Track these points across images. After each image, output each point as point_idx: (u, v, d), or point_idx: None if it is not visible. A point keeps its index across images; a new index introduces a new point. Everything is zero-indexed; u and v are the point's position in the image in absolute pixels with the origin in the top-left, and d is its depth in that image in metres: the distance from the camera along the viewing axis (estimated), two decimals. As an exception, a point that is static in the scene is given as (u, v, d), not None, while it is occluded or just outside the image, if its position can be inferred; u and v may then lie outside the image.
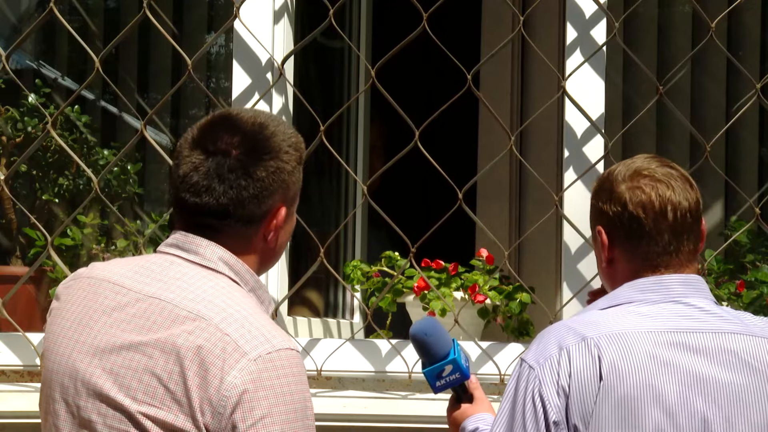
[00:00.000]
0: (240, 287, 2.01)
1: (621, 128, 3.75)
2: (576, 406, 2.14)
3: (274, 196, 2.02)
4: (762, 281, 3.50)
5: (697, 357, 2.18)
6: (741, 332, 2.22)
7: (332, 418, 3.12)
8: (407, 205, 4.88)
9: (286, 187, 2.03)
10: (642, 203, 2.25)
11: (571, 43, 3.42)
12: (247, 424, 1.85)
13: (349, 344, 3.32)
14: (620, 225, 2.27)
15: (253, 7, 3.36)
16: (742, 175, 4.23)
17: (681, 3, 4.33)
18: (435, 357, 2.38)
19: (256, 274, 2.05)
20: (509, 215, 4.48)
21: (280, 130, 2.04)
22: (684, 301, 2.24)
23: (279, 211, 2.03)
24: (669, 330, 2.19)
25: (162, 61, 4.21)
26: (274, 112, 3.36)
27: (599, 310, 2.25)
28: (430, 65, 6.10)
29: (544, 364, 2.17)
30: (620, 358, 2.15)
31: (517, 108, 4.49)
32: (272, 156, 2.01)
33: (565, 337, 2.19)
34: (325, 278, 4.13)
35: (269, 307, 2.09)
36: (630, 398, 2.13)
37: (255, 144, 2.01)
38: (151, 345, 1.91)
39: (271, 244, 2.05)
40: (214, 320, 1.91)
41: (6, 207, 3.71)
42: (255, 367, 1.88)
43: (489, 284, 3.43)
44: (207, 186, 1.98)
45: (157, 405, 1.88)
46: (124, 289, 1.99)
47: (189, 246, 2.01)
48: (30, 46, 4.28)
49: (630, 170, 2.30)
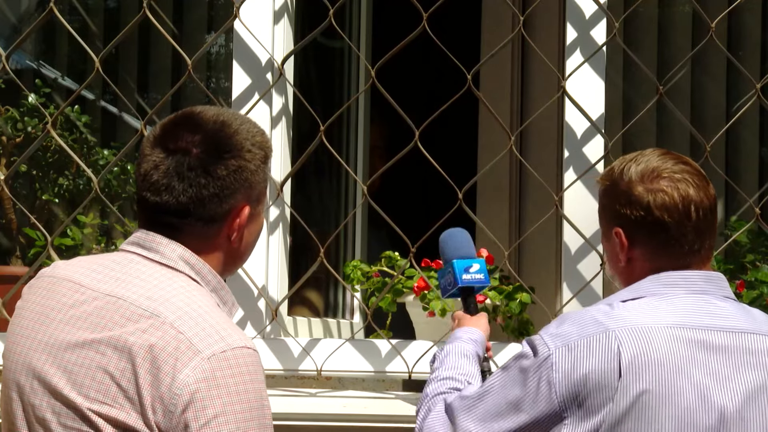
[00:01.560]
0: (200, 286, 1.99)
1: (621, 128, 3.75)
2: (592, 399, 2.12)
3: (235, 195, 2.00)
4: (762, 281, 3.51)
5: (717, 355, 2.17)
6: (760, 332, 2.22)
7: (332, 418, 3.12)
8: (407, 205, 4.88)
9: (249, 186, 2.01)
10: (666, 206, 2.22)
11: (571, 43, 3.42)
12: (200, 423, 1.83)
13: (349, 344, 3.32)
14: (642, 227, 2.24)
15: (253, 7, 3.36)
16: (742, 175, 4.23)
17: (681, 3, 4.33)
18: (466, 254, 2.57)
19: (218, 275, 2.03)
20: (509, 215, 4.48)
21: (243, 129, 2.03)
22: (706, 297, 2.22)
23: (242, 210, 2.01)
24: (690, 326, 2.18)
25: (162, 61, 4.21)
26: (274, 112, 3.37)
27: (621, 302, 2.21)
28: (430, 65, 6.10)
29: (563, 349, 2.15)
30: (640, 353, 2.13)
31: (517, 108, 4.49)
32: (234, 154, 1.99)
33: (587, 325, 2.16)
34: (325, 278, 4.13)
35: (233, 309, 2.07)
36: (648, 394, 2.11)
37: (216, 142, 1.99)
38: (104, 343, 1.90)
39: (235, 244, 2.03)
40: (168, 318, 1.89)
41: (6, 207, 3.71)
42: (208, 365, 1.86)
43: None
44: (167, 185, 1.97)
45: (109, 403, 1.87)
46: (81, 287, 1.98)
47: (149, 244, 2.00)
48: (30, 46, 4.28)
49: (647, 170, 2.25)
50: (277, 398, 3.16)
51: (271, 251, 3.35)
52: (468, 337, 2.53)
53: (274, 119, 3.36)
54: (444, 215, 3.22)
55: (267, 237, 3.33)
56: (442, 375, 2.42)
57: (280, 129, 3.38)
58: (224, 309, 2.03)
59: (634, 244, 2.26)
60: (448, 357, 2.48)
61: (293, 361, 3.29)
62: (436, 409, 2.32)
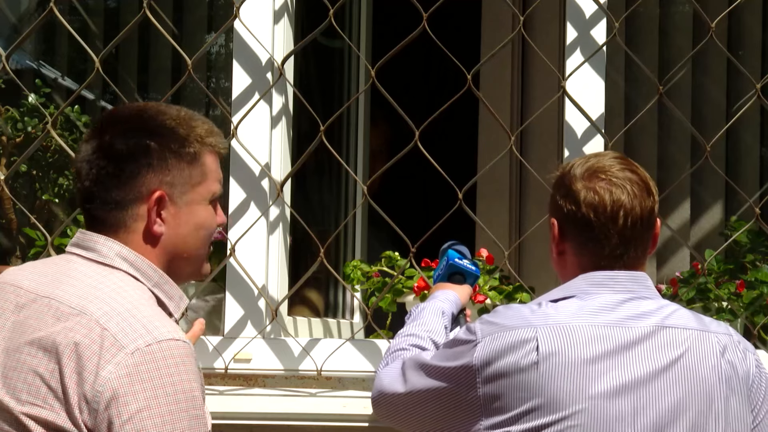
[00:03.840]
0: (139, 283, 1.98)
1: (621, 128, 3.75)
2: (509, 392, 2.19)
3: (138, 178, 1.99)
4: (762, 281, 3.50)
5: (637, 351, 2.22)
6: (681, 326, 2.26)
7: (332, 418, 3.12)
8: (407, 205, 4.88)
9: (161, 170, 2.00)
10: (593, 205, 2.29)
11: (571, 43, 3.42)
12: (122, 420, 1.82)
13: (349, 344, 3.32)
14: (572, 222, 2.32)
15: (253, 7, 3.36)
16: (742, 175, 4.22)
17: (681, 3, 4.32)
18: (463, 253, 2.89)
19: (160, 270, 2.01)
20: (509, 215, 4.48)
21: (161, 112, 2.03)
22: (631, 296, 2.28)
23: (153, 195, 1.99)
24: (612, 324, 2.23)
25: (162, 61, 4.21)
26: (274, 112, 3.37)
27: (552, 301, 2.30)
28: (430, 65, 6.10)
29: (488, 339, 2.23)
30: (558, 351, 2.19)
31: (517, 108, 4.49)
32: (139, 137, 1.99)
33: (513, 319, 2.25)
34: (325, 278, 4.13)
35: (181, 303, 2.06)
36: (562, 392, 2.17)
37: (127, 127, 2.01)
38: (36, 344, 1.89)
39: (157, 234, 2.01)
40: (95, 315, 1.88)
41: (6, 207, 3.71)
42: (131, 360, 1.84)
43: (489, 284, 3.43)
44: (79, 169, 2.01)
45: (40, 404, 1.86)
46: (22, 291, 1.98)
47: (87, 243, 2.00)
48: (30, 46, 4.29)
49: (591, 168, 2.33)
50: (277, 398, 3.16)
51: (271, 251, 3.35)
52: (444, 297, 2.72)
53: (274, 119, 3.36)
54: (444, 215, 3.22)
55: (267, 237, 3.33)
56: (408, 331, 2.60)
57: (280, 129, 3.38)
58: (171, 304, 2.03)
59: (565, 237, 2.35)
60: (422, 313, 2.66)
61: (293, 361, 3.30)
62: (391, 366, 2.47)
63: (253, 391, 3.22)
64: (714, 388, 2.23)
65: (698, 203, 4.22)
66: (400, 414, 2.41)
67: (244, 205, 3.32)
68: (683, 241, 3.77)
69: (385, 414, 2.47)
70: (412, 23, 3.29)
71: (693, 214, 4.21)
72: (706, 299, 3.51)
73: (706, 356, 2.25)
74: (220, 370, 3.26)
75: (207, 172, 2.06)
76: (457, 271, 2.88)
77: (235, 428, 3.06)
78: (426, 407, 2.34)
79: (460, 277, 2.88)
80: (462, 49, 3.51)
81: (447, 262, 2.89)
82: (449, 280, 2.88)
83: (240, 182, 3.32)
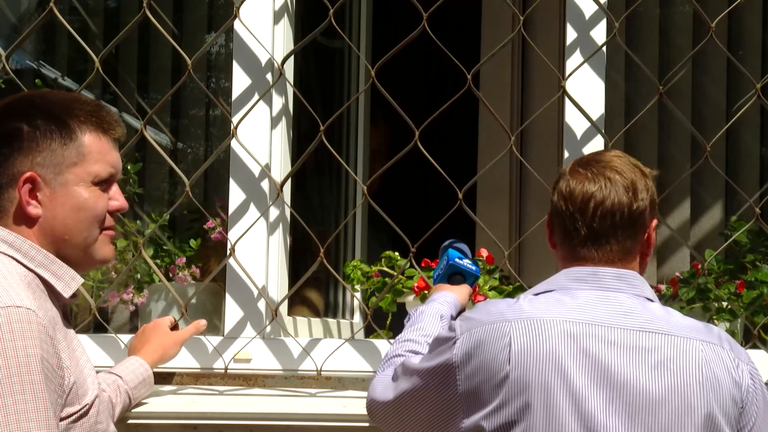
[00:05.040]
0: (15, 262, 2.03)
1: (621, 128, 3.74)
2: (485, 387, 2.21)
3: (9, 161, 2.04)
4: (762, 281, 3.50)
5: (611, 350, 2.20)
6: (663, 331, 2.23)
7: (332, 418, 3.12)
8: (407, 205, 4.88)
9: (31, 151, 2.04)
10: (564, 195, 2.33)
11: (571, 43, 3.42)
12: None
13: (349, 344, 3.32)
14: (553, 213, 2.37)
15: (253, 7, 3.36)
16: (742, 175, 4.22)
17: (681, 3, 4.32)
18: (463, 253, 2.91)
19: (44, 250, 2.06)
20: (509, 215, 4.48)
21: (45, 96, 2.10)
22: (615, 294, 2.27)
23: (23, 176, 2.04)
24: (588, 321, 2.23)
25: (162, 61, 4.21)
26: (274, 112, 3.37)
27: (533, 295, 2.31)
28: (430, 65, 6.10)
29: (467, 334, 2.26)
30: (530, 346, 2.19)
31: (517, 108, 4.49)
32: (12, 121, 2.06)
33: (491, 314, 2.27)
34: (325, 278, 4.13)
35: (72, 282, 2.09)
36: (530, 388, 2.17)
37: (7, 113, 2.07)
38: None
39: (32, 215, 2.06)
40: None
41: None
42: None
43: (489, 284, 3.43)
44: None
45: None
46: None
47: None
48: (30, 46, 4.28)
49: (578, 161, 2.37)
50: (276, 398, 3.16)
51: (271, 251, 3.35)
52: (443, 299, 2.73)
53: (274, 119, 3.36)
54: (444, 215, 3.22)
55: (267, 237, 3.33)
56: (406, 336, 2.61)
57: (280, 129, 3.38)
58: (59, 284, 2.06)
59: (553, 229, 2.40)
60: (420, 317, 2.66)
61: (293, 361, 3.29)
62: (384, 373, 2.50)
63: (253, 392, 3.22)
64: (693, 396, 2.19)
65: (698, 203, 4.22)
66: (390, 420, 2.44)
67: (244, 205, 3.32)
68: (683, 241, 3.77)
69: (379, 421, 2.50)
70: (412, 23, 3.29)
71: (693, 214, 4.21)
72: (706, 299, 3.51)
73: (685, 363, 2.21)
74: (220, 371, 3.26)
75: (85, 153, 2.09)
76: (457, 271, 2.88)
77: (235, 428, 3.06)
78: (415, 410, 2.36)
79: (460, 277, 2.88)
80: (462, 49, 3.51)
81: (447, 262, 2.90)
82: (449, 279, 2.88)
83: (240, 182, 3.32)
